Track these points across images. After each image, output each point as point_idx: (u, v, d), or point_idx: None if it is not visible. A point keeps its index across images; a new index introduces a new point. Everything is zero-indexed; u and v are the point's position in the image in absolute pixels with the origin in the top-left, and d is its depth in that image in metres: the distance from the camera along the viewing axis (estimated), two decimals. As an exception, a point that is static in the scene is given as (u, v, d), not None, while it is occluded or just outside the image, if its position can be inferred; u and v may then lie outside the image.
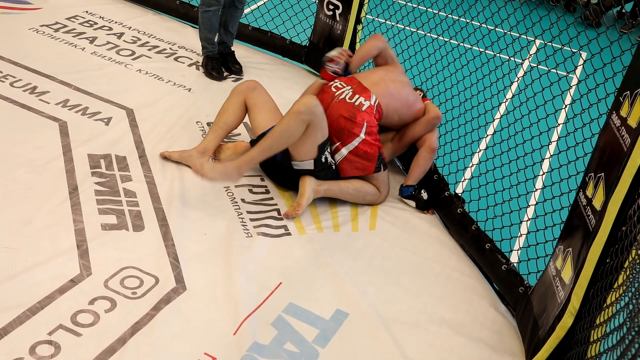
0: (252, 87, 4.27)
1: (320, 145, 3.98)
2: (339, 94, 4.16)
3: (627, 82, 2.93)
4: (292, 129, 3.83)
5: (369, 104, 4.12)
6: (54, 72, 4.91)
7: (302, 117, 3.81)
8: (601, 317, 2.86)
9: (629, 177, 2.78)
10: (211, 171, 3.82)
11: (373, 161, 4.14)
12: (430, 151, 4.33)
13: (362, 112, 4.09)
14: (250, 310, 3.34)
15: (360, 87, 4.20)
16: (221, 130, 4.23)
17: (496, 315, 3.65)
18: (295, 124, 3.82)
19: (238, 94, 4.26)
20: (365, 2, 5.26)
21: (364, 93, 4.16)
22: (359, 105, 4.10)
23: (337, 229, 4.03)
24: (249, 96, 4.24)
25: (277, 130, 3.86)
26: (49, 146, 4.14)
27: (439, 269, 3.87)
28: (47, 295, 3.16)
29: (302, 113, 3.80)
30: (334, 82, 4.29)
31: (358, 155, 4.10)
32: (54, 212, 3.66)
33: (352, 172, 4.15)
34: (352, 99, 4.12)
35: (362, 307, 3.50)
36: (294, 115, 3.81)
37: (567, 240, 3.23)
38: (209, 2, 5.05)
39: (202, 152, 4.18)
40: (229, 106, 4.26)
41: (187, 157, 4.19)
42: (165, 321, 3.18)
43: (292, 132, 3.85)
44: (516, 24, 4.42)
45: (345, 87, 4.21)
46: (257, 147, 3.90)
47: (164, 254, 3.55)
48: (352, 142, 4.08)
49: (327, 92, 4.22)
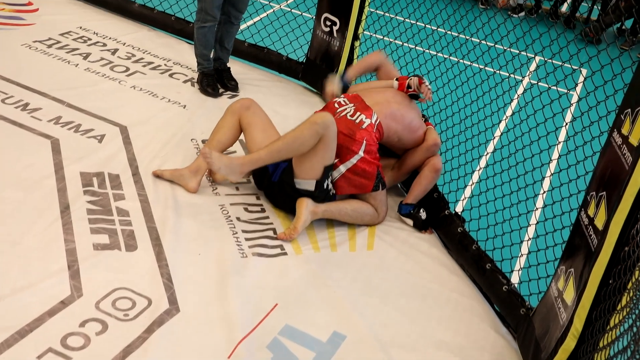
0: (247, 105, 4.23)
1: (326, 168, 3.95)
2: (341, 111, 4.14)
3: (628, 100, 2.91)
4: (305, 137, 3.81)
5: (369, 122, 4.08)
6: (46, 88, 4.88)
7: (316, 128, 3.79)
8: (605, 339, 2.82)
9: (631, 196, 2.75)
10: (218, 160, 3.84)
11: (371, 179, 4.09)
12: (433, 171, 4.29)
13: (362, 129, 4.05)
14: (246, 332, 3.29)
15: (362, 105, 4.17)
16: (215, 149, 4.16)
17: (497, 338, 3.60)
18: (309, 133, 3.80)
19: (232, 113, 4.22)
20: (362, 18, 5.25)
21: (366, 111, 4.12)
22: (360, 122, 4.07)
23: (334, 249, 3.99)
24: (243, 115, 4.20)
25: (289, 135, 3.85)
26: (40, 164, 4.10)
27: (438, 290, 3.83)
28: (36, 318, 3.10)
29: (318, 124, 3.78)
30: (338, 98, 4.27)
31: (356, 174, 4.06)
32: (45, 232, 3.61)
33: (349, 189, 4.10)
34: (353, 116, 4.10)
35: (359, 329, 3.45)
36: (309, 125, 3.80)
37: (569, 261, 3.20)
38: (205, 18, 5.03)
39: (194, 171, 4.14)
40: (223, 125, 4.23)
41: (179, 176, 4.15)
42: (158, 344, 3.12)
43: (303, 141, 3.83)
44: (516, 40, 4.42)
45: (348, 104, 4.19)
46: (266, 148, 3.88)
47: (157, 275, 3.50)
48: (351, 160, 4.03)
49: (330, 108, 4.21)
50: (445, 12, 5.18)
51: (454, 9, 5.12)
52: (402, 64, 5.27)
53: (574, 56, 3.96)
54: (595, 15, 8.95)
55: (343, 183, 4.07)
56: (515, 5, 8.92)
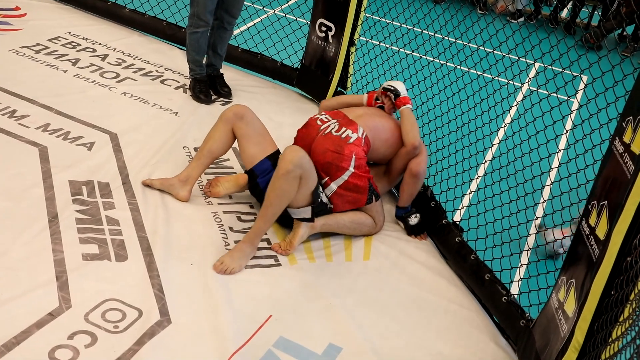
0: (241, 114, 4.13)
1: (314, 191, 3.88)
2: (325, 128, 4.07)
3: (629, 107, 2.89)
4: (286, 189, 3.72)
5: (356, 136, 4.03)
6: (34, 95, 4.84)
7: (292, 175, 3.69)
8: (607, 352, 2.79)
9: (633, 205, 2.72)
10: (233, 263, 3.69)
11: (364, 193, 4.05)
12: (412, 176, 4.24)
13: (349, 144, 3.99)
14: (239, 344, 3.24)
15: (346, 119, 4.12)
16: (205, 158, 4.12)
17: (496, 350, 3.57)
18: (288, 184, 3.70)
19: (225, 121, 4.13)
20: (358, 23, 5.22)
21: (351, 125, 4.07)
22: (346, 137, 4.01)
23: (329, 259, 3.95)
24: (237, 125, 4.12)
25: (272, 196, 3.74)
26: (28, 172, 4.05)
27: (436, 301, 3.79)
28: (23, 330, 3.05)
29: (291, 171, 3.68)
30: (319, 115, 4.20)
31: (348, 189, 4.01)
32: (33, 242, 3.56)
33: (343, 206, 4.07)
34: (338, 132, 4.04)
35: (356, 341, 3.42)
36: (284, 177, 3.68)
37: (570, 271, 3.17)
38: (197, 23, 4.99)
39: (184, 180, 4.09)
40: (214, 133, 4.15)
41: (169, 186, 4.10)
42: (148, 356, 3.07)
43: (288, 192, 3.74)
44: (515, 46, 4.40)
45: (330, 120, 4.13)
46: (260, 218, 3.78)
47: (148, 286, 3.45)
48: (342, 177, 3.98)
49: (312, 126, 4.13)
50: (443, 17, 5.16)
51: (451, 14, 5.09)
52: (399, 69, 5.25)
53: (574, 62, 3.95)
54: (596, 21, 8.98)
55: (337, 200, 4.03)
56: (514, 10, 8.92)
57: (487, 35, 4.59)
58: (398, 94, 4.31)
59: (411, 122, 4.23)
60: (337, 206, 4.04)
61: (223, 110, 4.22)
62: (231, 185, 4.18)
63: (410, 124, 4.21)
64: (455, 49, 5.25)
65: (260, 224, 3.76)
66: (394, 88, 4.33)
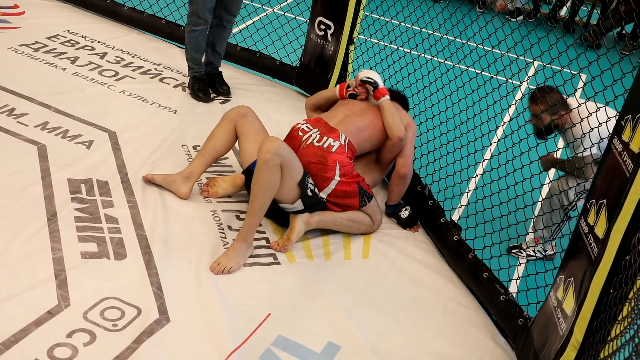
0: (244, 113, 4.17)
1: (300, 182, 3.86)
2: (307, 139, 4.04)
3: (628, 106, 2.89)
4: (268, 179, 3.69)
5: (338, 144, 4.01)
6: (33, 93, 4.83)
7: (272, 164, 3.66)
8: (605, 350, 2.79)
9: (632, 203, 2.72)
10: (229, 262, 3.68)
11: (355, 197, 4.04)
12: (399, 177, 4.25)
13: (332, 153, 3.98)
14: (237, 343, 3.24)
15: (327, 128, 4.09)
16: (209, 156, 4.13)
17: (495, 348, 3.56)
18: (269, 173, 3.68)
19: (229, 120, 4.16)
20: (357, 21, 5.20)
21: (332, 133, 4.05)
22: (328, 147, 3.99)
23: (328, 258, 3.94)
24: (239, 123, 4.15)
25: (256, 189, 3.72)
26: (26, 171, 4.05)
27: (435, 300, 3.79)
28: (22, 328, 3.05)
29: (269, 160, 3.65)
30: (301, 125, 4.16)
31: (338, 197, 4.01)
32: (31, 240, 3.55)
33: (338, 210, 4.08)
34: (320, 142, 4.01)
35: (355, 340, 3.41)
36: (264, 167, 3.66)
37: (569, 270, 3.17)
38: (196, 21, 4.98)
39: (187, 177, 4.09)
40: (218, 132, 4.17)
41: (171, 182, 4.10)
42: (147, 355, 3.07)
43: (271, 183, 3.71)
44: (514, 45, 4.38)
45: (312, 129, 4.09)
46: (248, 213, 3.76)
47: (147, 284, 3.45)
48: (329, 186, 3.98)
49: (295, 137, 4.08)
50: (441, 15, 5.14)
51: (450, 12, 5.08)
52: (397, 68, 5.23)
53: (573, 61, 3.93)
54: (595, 20, 8.96)
55: (330, 207, 4.03)
56: (513, 8, 8.91)
57: (486, 34, 4.58)
58: (377, 86, 4.26)
59: (392, 115, 4.19)
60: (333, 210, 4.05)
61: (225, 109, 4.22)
62: (228, 185, 4.17)
63: (392, 117, 4.17)
64: (454, 47, 5.25)
65: (249, 219, 3.74)
66: (373, 80, 4.27)
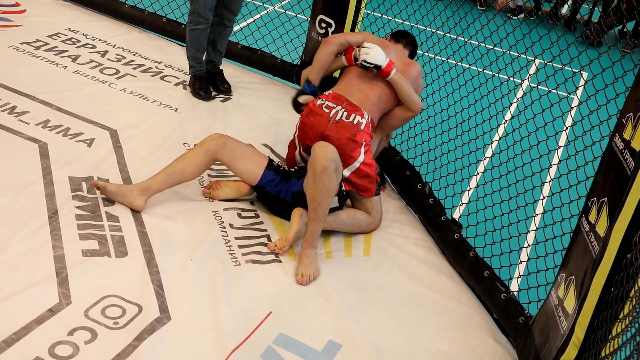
0: (222, 143, 4.01)
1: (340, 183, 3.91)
2: (334, 115, 4.04)
3: (629, 104, 2.88)
4: (329, 185, 3.73)
5: (365, 121, 4.04)
6: (34, 91, 4.82)
7: (330, 170, 3.71)
8: (607, 349, 2.79)
9: (633, 202, 2.72)
10: (310, 269, 3.72)
11: (373, 183, 4.07)
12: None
13: (361, 131, 4.00)
14: (238, 341, 3.24)
15: (350, 105, 4.08)
16: (174, 177, 3.97)
17: (495, 347, 3.56)
18: (329, 179, 3.72)
19: (206, 151, 3.99)
20: (358, 20, 5.20)
21: (357, 111, 4.06)
22: (358, 124, 4.02)
23: (329, 256, 3.94)
24: (222, 154, 4.01)
25: (319, 196, 3.73)
26: (27, 169, 4.04)
27: (436, 298, 3.79)
28: (23, 326, 3.05)
29: (328, 167, 3.69)
30: (322, 101, 4.13)
31: (360, 177, 4.02)
32: (32, 238, 3.55)
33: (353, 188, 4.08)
34: (349, 119, 4.02)
35: (355, 338, 3.41)
36: (324, 174, 3.69)
37: (570, 268, 3.16)
38: (197, 20, 4.97)
39: (143, 190, 3.91)
40: (191, 157, 3.99)
41: (126, 192, 3.90)
42: (148, 353, 3.07)
43: (332, 188, 3.76)
44: (515, 43, 4.38)
45: (335, 106, 4.08)
46: (313, 221, 3.77)
47: (148, 282, 3.45)
48: (354, 164, 3.99)
49: (320, 114, 4.06)
50: (444, 13, 5.13)
51: (452, 10, 5.07)
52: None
53: (574, 59, 3.94)
54: (597, 18, 8.96)
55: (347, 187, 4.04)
56: (514, 7, 8.91)
57: (488, 32, 4.58)
58: (380, 67, 4.18)
59: (408, 88, 4.19)
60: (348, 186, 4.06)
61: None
62: (232, 191, 4.15)
63: (407, 93, 4.17)
64: (455, 45, 5.24)
65: (314, 226, 3.77)
66: (373, 64, 4.17)
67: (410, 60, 4.42)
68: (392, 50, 4.38)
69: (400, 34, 4.58)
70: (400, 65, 4.28)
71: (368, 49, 4.18)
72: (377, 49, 4.17)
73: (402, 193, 4.58)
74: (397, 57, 4.34)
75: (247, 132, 4.89)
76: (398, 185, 4.63)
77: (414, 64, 4.38)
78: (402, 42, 4.53)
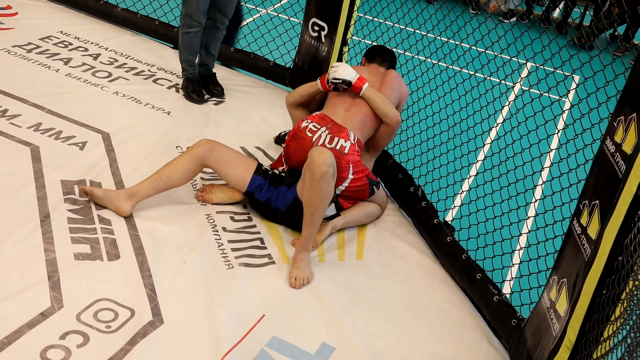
0: (210, 148, 3.99)
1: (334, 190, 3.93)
2: (317, 139, 4.04)
3: (621, 107, 2.88)
4: (327, 190, 3.73)
5: (350, 144, 4.03)
6: (26, 94, 4.81)
7: (328, 176, 3.70)
8: (598, 351, 2.78)
9: (624, 205, 2.72)
10: (304, 273, 3.72)
11: (365, 190, 4.12)
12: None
13: (345, 155, 4.00)
14: (231, 344, 3.23)
15: (335, 126, 4.08)
16: (162, 183, 3.94)
17: (488, 349, 3.56)
18: (327, 184, 3.71)
19: (195, 157, 3.97)
20: (351, 23, 5.20)
21: (342, 133, 4.05)
22: (341, 149, 4.01)
23: (322, 259, 3.94)
24: (210, 159, 3.99)
25: (316, 201, 3.73)
26: (19, 172, 4.03)
27: (429, 300, 3.78)
28: (15, 330, 3.03)
29: (326, 172, 3.68)
30: (307, 124, 4.13)
31: (350, 191, 4.08)
32: (24, 242, 3.53)
33: (348, 205, 4.16)
34: (332, 143, 4.01)
35: (349, 341, 3.41)
36: (322, 179, 3.68)
37: (562, 271, 3.16)
38: (190, 23, 4.97)
39: (131, 195, 3.88)
40: (179, 162, 3.98)
41: (113, 197, 3.87)
42: (141, 356, 3.06)
43: (329, 192, 3.76)
44: (507, 46, 4.38)
45: (319, 128, 4.08)
46: (308, 225, 3.77)
47: (141, 285, 3.43)
48: (342, 185, 4.03)
49: (304, 138, 4.08)
50: (435, 17, 5.14)
51: (444, 13, 5.08)
52: (390, 69, 5.22)
53: (566, 62, 3.94)
54: (588, 21, 8.98)
55: (341, 201, 4.08)
56: (506, 10, 8.92)
57: (480, 35, 4.59)
58: (350, 83, 4.22)
59: (382, 102, 4.20)
60: (343, 205, 4.11)
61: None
62: (224, 196, 4.14)
63: (383, 104, 4.19)
64: (447, 48, 5.25)
65: (310, 230, 3.77)
66: (341, 80, 4.21)
67: (386, 72, 4.45)
68: (364, 69, 4.44)
69: (373, 52, 4.61)
70: (377, 80, 4.33)
71: (336, 67, 4.27)
72: (344, 66, 4.26)
73: (394, 196, 4.58)
74: (370, 74, 4.38)
75: (239, 135, 4.88)
76: (391, 188, 4.62)
77: (390, 72, 4.42)
78: (376, 60, 4.60)
